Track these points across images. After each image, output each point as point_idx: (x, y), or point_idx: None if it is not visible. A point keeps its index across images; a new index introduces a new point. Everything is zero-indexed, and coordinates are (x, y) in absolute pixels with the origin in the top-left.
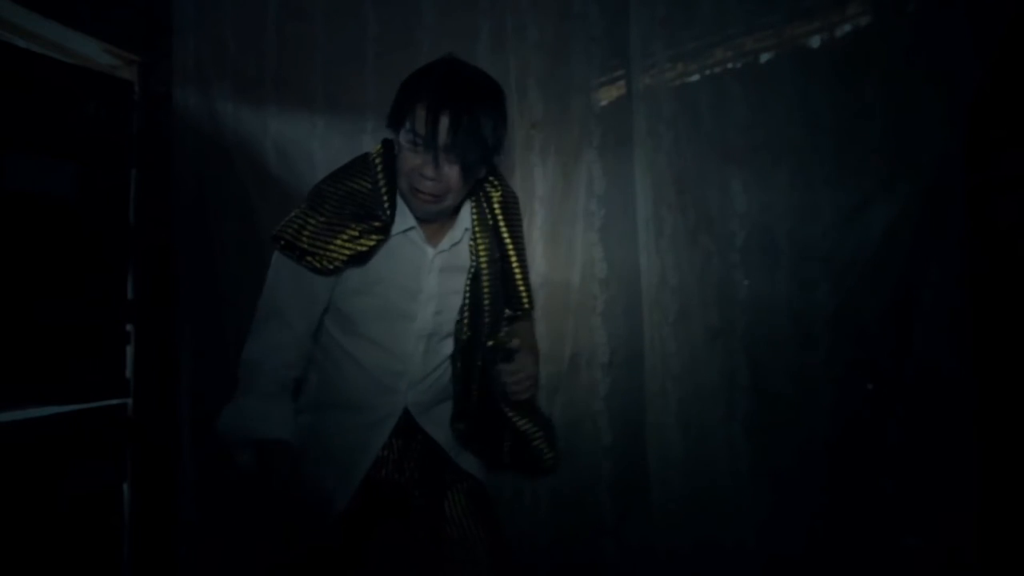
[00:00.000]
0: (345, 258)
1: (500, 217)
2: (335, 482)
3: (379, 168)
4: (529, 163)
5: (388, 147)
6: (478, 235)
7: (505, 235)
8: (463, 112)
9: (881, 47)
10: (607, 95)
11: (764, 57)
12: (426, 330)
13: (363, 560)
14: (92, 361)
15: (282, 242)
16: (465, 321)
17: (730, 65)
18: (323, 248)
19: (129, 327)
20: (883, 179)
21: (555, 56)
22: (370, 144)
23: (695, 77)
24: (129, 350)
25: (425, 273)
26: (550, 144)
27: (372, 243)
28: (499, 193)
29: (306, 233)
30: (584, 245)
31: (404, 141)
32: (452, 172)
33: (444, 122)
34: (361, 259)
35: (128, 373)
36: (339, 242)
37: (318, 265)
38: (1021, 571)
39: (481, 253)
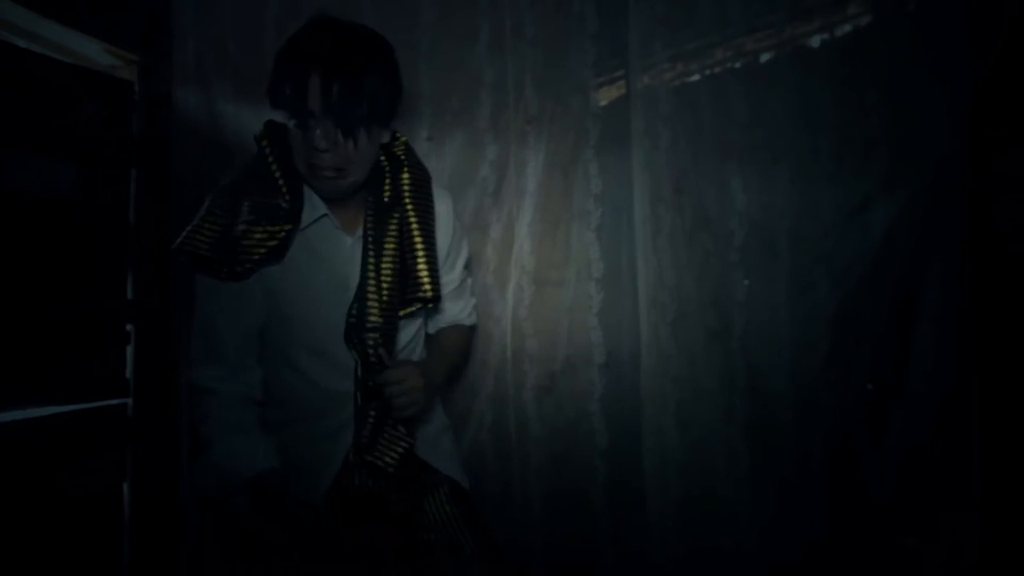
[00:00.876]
0: (258, 257)
1: (407, 195)
2: (325, 456)
3: (268, 152)
4: (523, 159)
5: (274, 128)
6: (370, 210)
7: (411, 214)
8: (334, 72)
9: (881, 47)
10: (606, 94)
11: (764, 57)
12: None
13: (344, 570)
14: (92, 361)
15: (182, 257)
16: (355, 304)
17: (730, 65)
18: (230, 253)
19: (129, 327)
20: (883, 179)
21: (553, 55)
22: None
23: (694, 77)
24: (129, 350)
25: (349, 265)
26: (545, 141)
27: (283, 234)
28: (407, 172)
29: (204, 241)
30: (580, 244)
31: (289, 119)
32: (343, 140)
33: (313, 86)
34: (277, 254)
35: (128, 373)
36: (246, 243)
37: (227, 271)
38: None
39: (369, 227)
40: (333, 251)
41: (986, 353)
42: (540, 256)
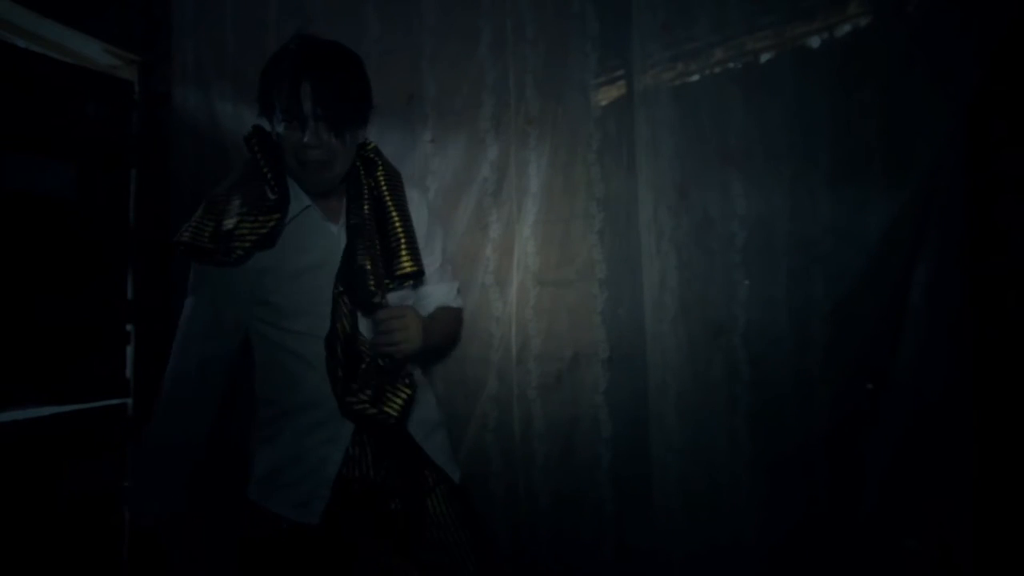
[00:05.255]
0: (249, 244)
1: (384, 186)
2: (310, 484)
3: (256, 150)
4: (524, 160)
5: (260, 131)
6: (352, 200)
7: (389, 202)
8: (320, 76)
9: (881, 47)
10: (607, 95)
11: (764, 57)
12: None
13: (345, 565)
14: (92, 361)
15: (182, 247)
16: (342, 282)
17: (730, 65)
18: (225, 242)
19: (129, 327)
20: (883, 179)
21: (555, 56)
22: None
23: (695, 77)
24: (129, 350)
25: (336, 250)
26: (547, 142)
27: (271, 223)
28: (381, 169)
29: (203, 234)
30: (584, 246)
31: (279, 123)
32: (327, 136)
33: (306, 89)
34: (266, 241)
35: (128, 373)
36: (239, 232)
37: (224, 258)
38: (1018, 572)
39: (353, 214)
40: (320, 239)
41: (984, 353)
42: (544, 257)
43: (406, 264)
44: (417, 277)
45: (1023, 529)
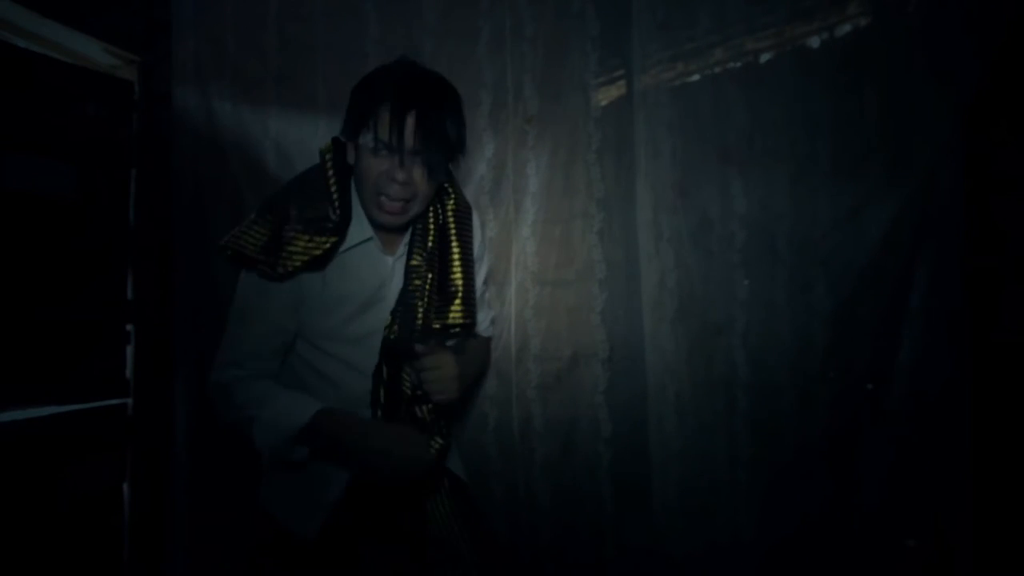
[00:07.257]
0: (300, 263)
1: (452, 224)
2: (314, 499)
3: (330, 166)
4: (522, 159)
5: (339, 146)
6: (417, 236)
7: (454, 242)
8: (428, 112)
9: (881, 47)
10: (607, 95)
11: (764, 57)
12: None
13: (348, 564)
14: (92, 361)
15: (228, 252)
16: (396, 322)
17: (730, 65)
18: (274, 255)
19: (129, 327)
20: (882, 180)
21: (554, 55)
22: None
23: (695, 77)
24: (129, 350)
25: (388, 283)
26: (545, 141)
27: (327, 245)
28: (453, 200)
29: (251, 242)
30: (583, 246)
31: (366, 146)
32: (419, 175)
33: (410, 123)
34: (318, 263)
35: (128, 373)
36: (290, 248)
37: (270, 271)
38: (1018, 572)
39: (416, 253)
40: (373, 270)
41: (984, 353)
42: (543, 257)
43: (457, 315)
44: (467, 329)
45: (1023, 529)
